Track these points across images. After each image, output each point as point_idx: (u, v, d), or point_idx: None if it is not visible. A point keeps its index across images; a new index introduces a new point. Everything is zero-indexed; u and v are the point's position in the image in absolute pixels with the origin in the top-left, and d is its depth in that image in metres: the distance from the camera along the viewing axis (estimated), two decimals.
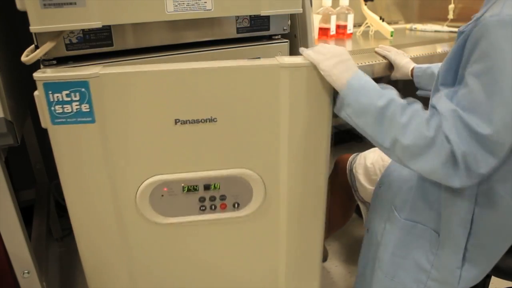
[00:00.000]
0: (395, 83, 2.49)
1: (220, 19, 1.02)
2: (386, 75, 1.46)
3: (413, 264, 0.92)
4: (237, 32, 1.07)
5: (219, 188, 0.95)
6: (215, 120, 0.89)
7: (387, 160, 1.14)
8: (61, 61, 0.91)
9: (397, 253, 0.94)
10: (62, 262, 1.47)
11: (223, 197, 0.97)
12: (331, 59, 0.83)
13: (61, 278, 1.45)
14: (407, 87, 2.31)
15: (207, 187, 0.95)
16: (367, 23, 1.92)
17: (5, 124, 0.89)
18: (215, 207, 0.97)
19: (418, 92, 1.32)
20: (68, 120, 0.83)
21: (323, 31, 1.80)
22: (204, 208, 0.97)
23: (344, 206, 1.36)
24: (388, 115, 0.75)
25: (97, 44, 0.92)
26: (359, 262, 1.13)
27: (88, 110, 0.83)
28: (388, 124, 0.74)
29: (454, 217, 0.83)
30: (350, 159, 1.31)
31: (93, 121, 0.84)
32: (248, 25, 1.07)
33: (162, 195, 0.93)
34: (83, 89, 0.81)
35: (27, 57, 0.85)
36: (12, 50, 1.20)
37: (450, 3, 2.10)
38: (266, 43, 1.12)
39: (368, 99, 0.77)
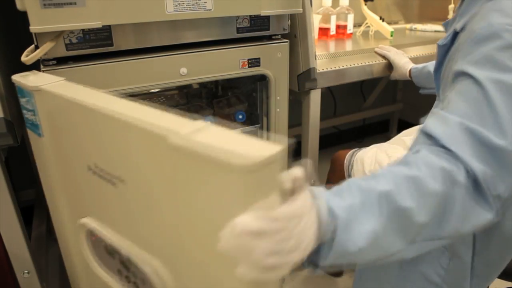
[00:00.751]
0: (395, 83, 2.50)
1: (220, 19, 1.02)
2: (385, 75, 1.46)
3: (421, 277, 0.85)
4: (237, 32, 1.07)
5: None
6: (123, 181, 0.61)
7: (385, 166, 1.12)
8: (61, 61, 0.91)
9: (404, 267, 0.87)
10: (62, 262, 1.48)
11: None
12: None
13: (61, 278, 1.45)
14: (407, 87, 2.32)
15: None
16: (367, 23, 1.92)
17: (5, 124, 0.89)
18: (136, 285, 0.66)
19: (421, 91, 1.33)
20: (30, 127, 0.76)
21: (323, 31, 1.80)
22: (125, 279, 0.69)
23: None
24: (394, 215, 0.51)
25: (97, 44, 0.92)
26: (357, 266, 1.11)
27: (37, 122, 0.73)
28: (399, 224, 0.52)
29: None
30: (346, 158, 1.30)
31: (41, 135, 0.74)
32: (248, 25, 1.07)
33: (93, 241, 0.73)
34: (32, 100, 0.72)
35: (27, 57, 0.85)
36: (12, 50, 1.20)
37: (450, 3, 2.10)
38: (266, 43, 1.12)
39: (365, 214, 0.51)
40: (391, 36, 1.80)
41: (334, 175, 1.37)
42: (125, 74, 0.96)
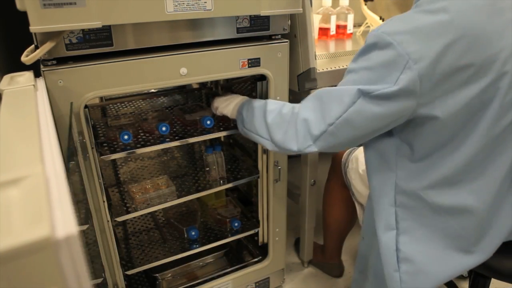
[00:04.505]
0: None
1: (220, 19, 1.02)
2: None
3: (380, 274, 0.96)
4: (237, 32, 1.07)
5: None
6: None
7: None
8: (61, 61, 0.91)
9: (380, 270, 0.96)
10: None
11: None
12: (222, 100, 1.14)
13: None
14: None
15: None
16: (367, 23, 1.92)
17: None
18: None
19: None
20: None
21: (323, 31, 1.80)
22: None
23: (346, 201, 1.35)
24: (263, 109, 0.99)
25: (97, 44, 0.92)
26: (355, 267, 1.13)
27: None
28: (262, 114, 0.99)
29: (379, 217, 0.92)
30: (344, 157, 1.31)
31: None
32: (248, 25, 1.07)
33: None
34: None
35: (27, 57, 0.85)
36: (13, 50, 1.20)
37: None
38: (266, 43, 1.12)
39: (251, 106, 1.02)
40: None
41: (333, 173, 1.37)
42: (125, 74, 0.96)
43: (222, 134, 1.20)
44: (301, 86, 1.26)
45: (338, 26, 1.83)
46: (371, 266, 1.03)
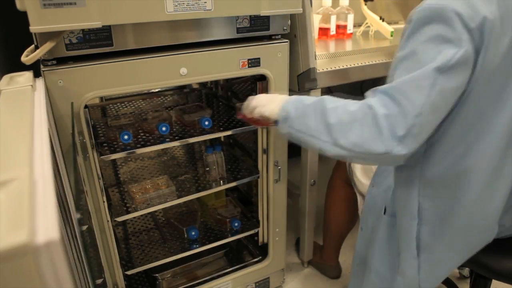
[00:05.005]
0: None
1: (220, 19, 1.02)
2: (386, 75, 1.46)
3: (397, 259, 0.96)
4: (237, 32, 1.07)
5: None
6: None
7: None
8: (61, 61, 0.91)
9: (385, 249, 0.99)
10: None
11: None
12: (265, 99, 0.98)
13: None
14: None
15: None
16: (367, 23, 1.91)
17: None
18: None
19: None
20: None
21: (323, 31, 1.80)
22: None
23: (347, 198, 1.35)
24: (320, 107, 0.84)
25: (97, 44, 0.92)
26: (352, 261, 1.14)
27: None
28: (320, 114, 0.83)
29: (403, 208, 0.91)
30: None
31: None
32: (248, 25, 1.07)
33: None
34: None
35: (27, 57, 0.85)
36: (13, 50, 1.20)
37: None
38: (266, 43, 1.12)
39: (301, 104, 0.88)
40: (391, 36, 1.80)
41: (338, 167, 1.37)
42: (125, 74, 0.96)
43: (220, 134, 1.20)
44: (301, 86, 1.26)
45: (338, 26, 1.83)
46: (371, 257, 1.02)
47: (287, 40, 1.15)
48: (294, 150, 1.46)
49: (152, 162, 1.42)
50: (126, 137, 1.07)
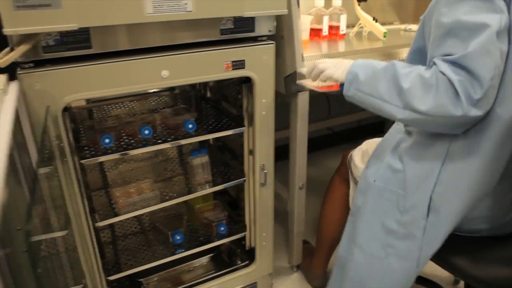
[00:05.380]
0: None
1: (202, 20, 1.00)
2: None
3: (382, 231, 1.00)
4: (221, 34, 1.05)
5: None
6: None
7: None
8: (39, 64, 0.89)
9: (370, 221, 1.03)
10: None
11: None
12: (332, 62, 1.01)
13: None
14: None
15: None
16: (360, 24, 1.89)
17: None
18: None
19: None
20: None
21: (315, 32, 1.78)
22: None
23: (344, 199, 1.32)
24: (391, 72, 0.86)
25: (75, 47, 0.90)
26: (340, 246, 1.14)
27: None
28: (391, 78, 0.86)
29: (421, 171, 0.94)
30: (350, 154, 1.29)
31: None
32: (232, 27, 1.05)
33: None
34: None
35: (0, 59, 0.83)
36: None
37: None
38: (251, 44, 1.10)
39: (371, 67, 0.91)
40: (384, 37, 1.78)
41: (340, 166, 1.36)
42: (105, 77, 0.94)
43: (201, 138, 1.17)
44: (288, 88, 1.24)
45: (331, 27, 1.81)
46: (358, 235, 1.05)
47: (273, 42, 1.13)
48: (281, 154, 1.45)
49: (140, 165, 1.40)
50: (107, 140, 1.05)
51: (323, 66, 1.00)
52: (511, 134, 0.85)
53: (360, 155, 1.25)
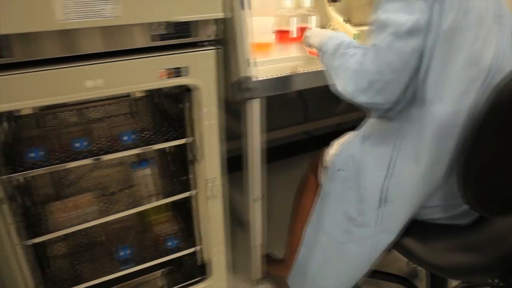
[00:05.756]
0: None
1: (127, 26, 0.93)
2: None
3: (344, 218, 1.06)
4: (152, 40, 0.98)
5: None
6: None
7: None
8: None
9: (335, 207, 1.08)
10: None
11: None
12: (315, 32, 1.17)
13: None
14: None
15: None
16: (331, 25, 1.81)
17: None
18: None
19: None
20: None
21: (283, 34, 1.70)
22: None
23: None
24: (340, 49, 1.00)
25: None
26: (308, 224, 1.18)
27: None
28: (336, 54, 1.00)
29: (374, 162, 1.01)
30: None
31: None
32: (165, 32, 0.98)
33: None
34: None
35: None
36: None
37: None
38: (191, 51, 1.03)
39: (338, 40, 1.03)
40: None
41: (313, 166, 1.32)
42: (18, 89, 0.87)
43: (137, 151, 1.10)
44: (234, 96, 1.17)
45: (301, 29, 1.74)
46: (323, 220, 1.11)
47: (214, 47, 1.06)
48: (236, 164, 1.38)
49: (86, 176, 1.34)
50: (32, 154, 0.99)
51: (309, 34, 1.18)
52: (452, 129, 0.90)
53: (336, 143, 1.26)
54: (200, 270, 1.33)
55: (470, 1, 0.88)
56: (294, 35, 1.70)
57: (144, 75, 0.99)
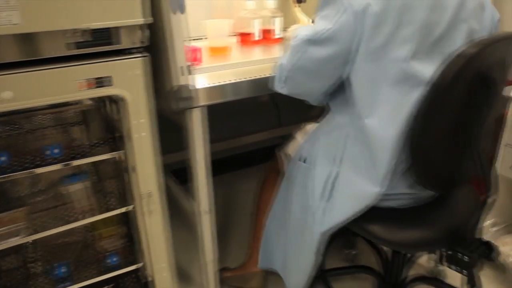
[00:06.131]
0: None
1: (33, 34, 0.87)
2: None
3: (304, 204, 1.09)
4: (67, 49, 0.91)
5: None
6: None
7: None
8: None
9: (298, 193, 1.12)
10: None
11: None
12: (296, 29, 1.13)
13: None
14: None
15: None
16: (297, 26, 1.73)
17: None
18: None
19: None
20: None
21: (245, 37, 1.63)
22: None
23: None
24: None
25: None
26: (276, 200, 1.25)
27: None
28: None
29: (323, 154, 1.05)
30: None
31: None
32: (82, 40, 0.92)
33: None
34: None
35: None
36: None
37: None
38: (116, 59, 0.96)
39: None
40: None
41: (271, 164, 1.38)
42: None
43: (55, 167, 1.02)
44: (171, 105, 1.10)
45: (265, 31, 1.66)
46: (290, 201, 1.15)
47: (141, 55, 0.99)
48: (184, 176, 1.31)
49: (18, 193, 1.27)
50: None
51: (290, 32, 1.29)
52: (385, 141, 0.92)
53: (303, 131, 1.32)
54: None
55: (414, 13, 0.85)
56: (257, 37, 1.64)
57: (60, 86, 0.92)
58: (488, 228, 1.46)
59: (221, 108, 1.17)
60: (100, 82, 0.96)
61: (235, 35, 1.69)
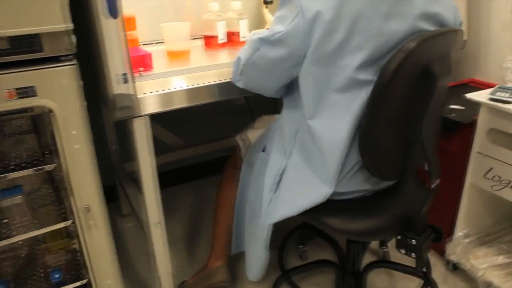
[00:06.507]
0: None
1: None
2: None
3: (259, 193, 1.09)
4: None
5: None
6: None
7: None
8: None
9: (254, 180, 1.16)
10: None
11: None
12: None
13: None
14: None
15: None
16: (268, 28, 1.67)
17: None
18: None
19: None
20: None
21: (210, 39, 1.57)
22: None
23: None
24: None
25: None
26: (240, 186, 1.29)
27: None
28: None
29: (276, 147, 1.08)
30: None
31: None
32: (5, 48, 0.86)
33: None
34: None
35: None
36: None
37: None
38: (41, 67, 0.91)
39: None
40: None
41: (231, 159, 1.42)
42: None
43: None
44: (111, 115, 1.04)
45: (231, 33, 1.60)
46: (248, 189, 1.20)
47: (70, 63, 0.93)
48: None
49: None
50: None
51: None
52: (331, 143, 0.94)
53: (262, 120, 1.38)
54: None
55: (368, 22, 0.85)
56: (222, 40, 1.57)
57: None
58: (460, 239, 1.39)
59: (193, 112, 1.23)
60: (22, 92, 0.90)
61: (200, 38, 1.64)
